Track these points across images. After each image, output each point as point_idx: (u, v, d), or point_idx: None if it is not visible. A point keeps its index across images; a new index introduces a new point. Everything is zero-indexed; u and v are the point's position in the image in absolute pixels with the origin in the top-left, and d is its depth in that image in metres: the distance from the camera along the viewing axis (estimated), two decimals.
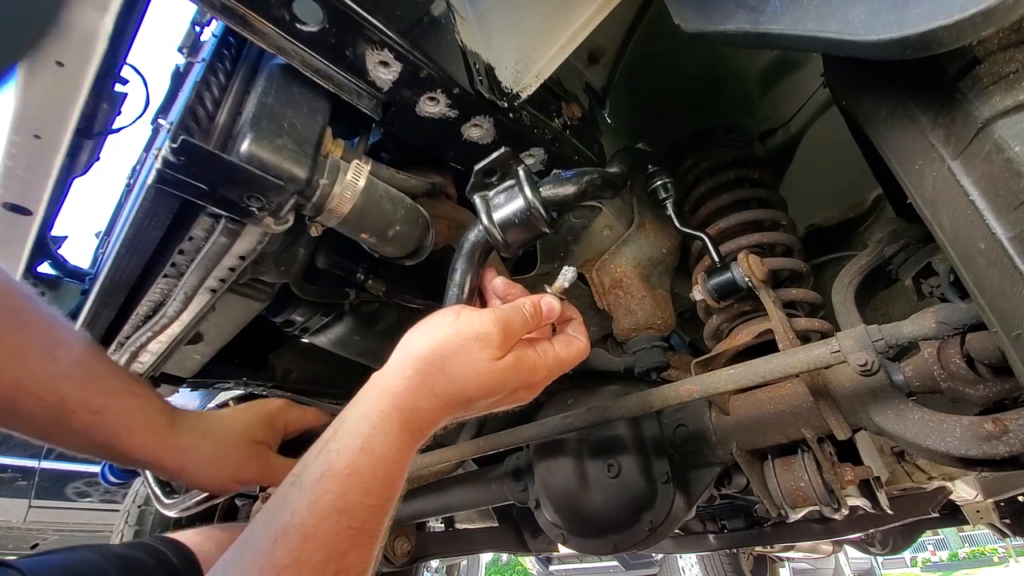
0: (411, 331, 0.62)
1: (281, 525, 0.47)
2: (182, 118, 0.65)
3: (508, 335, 0.61)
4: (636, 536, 1.03)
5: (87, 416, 0.68)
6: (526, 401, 0.67)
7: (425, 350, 0.59)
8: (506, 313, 0.62)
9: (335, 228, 0.74)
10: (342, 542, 0.48)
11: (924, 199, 0.54)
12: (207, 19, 0.82)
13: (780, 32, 0.52)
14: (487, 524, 1.80)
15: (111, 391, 0.70)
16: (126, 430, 0.71)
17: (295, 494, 0.49)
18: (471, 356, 0.59)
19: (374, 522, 0.51)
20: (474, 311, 0.62)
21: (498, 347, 0.60)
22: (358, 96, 0.69)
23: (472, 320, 0.60)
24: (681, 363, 1.16)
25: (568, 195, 0.69)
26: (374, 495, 0.51)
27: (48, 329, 0.68)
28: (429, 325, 0.61)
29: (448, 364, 0.58)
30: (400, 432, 0.55)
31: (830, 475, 0.84)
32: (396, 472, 0.55)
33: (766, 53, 1.09)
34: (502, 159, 0.68)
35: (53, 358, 0.66)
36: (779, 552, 3.45)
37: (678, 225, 1.01)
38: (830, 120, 1.14)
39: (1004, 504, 2.05)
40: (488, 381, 0.59)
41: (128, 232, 0.73)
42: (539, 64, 0.76)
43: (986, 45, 0.46)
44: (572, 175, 0.71)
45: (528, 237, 0.68)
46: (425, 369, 0.58)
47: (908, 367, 0.74)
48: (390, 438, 0.54)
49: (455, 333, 0.59)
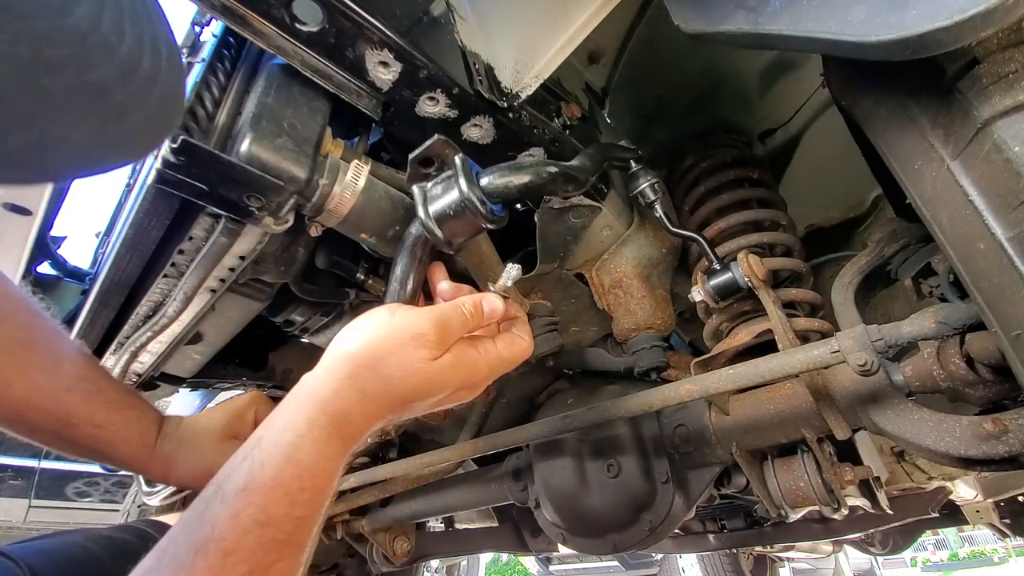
0: (344, 329, 0.59)
1: (202, 539, 0.45)
2: (182, 118, 0.65)
3: (445, 334, 0.59)
4: (636, 536, 1.03)
5: (90, 430, 0.71)
6: (466, 400, 0.65)
7: (357, 350, 0.56)
8: (444, 312, 0.60)
9: (335, 228, 0.74)
10: (266, 555, 0.46)
11: (924, 199, 0.54)
12: (207, 19, 0.81)
13: (779, 32, 0.52)
14: (487, 524, 1.80)
15: (112, 406, 0.74)
16: (123, 442, 0.75)
17: (216, 505, 0.47)
18: (406, 356, 0.56)
19: (300, 533, 0.49)
20: (410, 309, 0.60)
21: (434, 346, 0.57)
22: (358, 96, 0.69)
23: (407, 319, 0.58)
24: (681, 363, 1.16)
25: (513, 187, 0.64)
26: (300, 507, 0.49)
27: (54, 344, 0.70)
28: (363, 323, 0.59)
29: (381, 365, 0.56)
30: (329, 440, 0.52)
31: (830, 475, 0.84)
32: (324, 481, 0.52)
33: (766, 53, 1.09)
34: (436, 147, 0.65)
35: (59, 373, 0.68)
36: (779, 552, 3.45)
37: (669, 227, 0.98)
38: (830, 120, 1.13)
39: (1004, 504, 2.05)
40: (424, 382, 0.57)
41: (128, 232, 0.73)
42: (539, 64, 0.76)
43: (985, 46, 0.46)
44: (522, 166, 0.67)
45: (467, 231, 0.64)
46: (356, 372, 0.55)
47: (908, 367, 0.74)
48: (317, 446, 0.51)
49: (389, 333, 0.57)
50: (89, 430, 0.71)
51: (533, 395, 1.37)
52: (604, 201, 0.98)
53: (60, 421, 0.68)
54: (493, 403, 1.28)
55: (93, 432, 0.71)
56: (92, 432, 0.71)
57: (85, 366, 0.73)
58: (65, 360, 0.70)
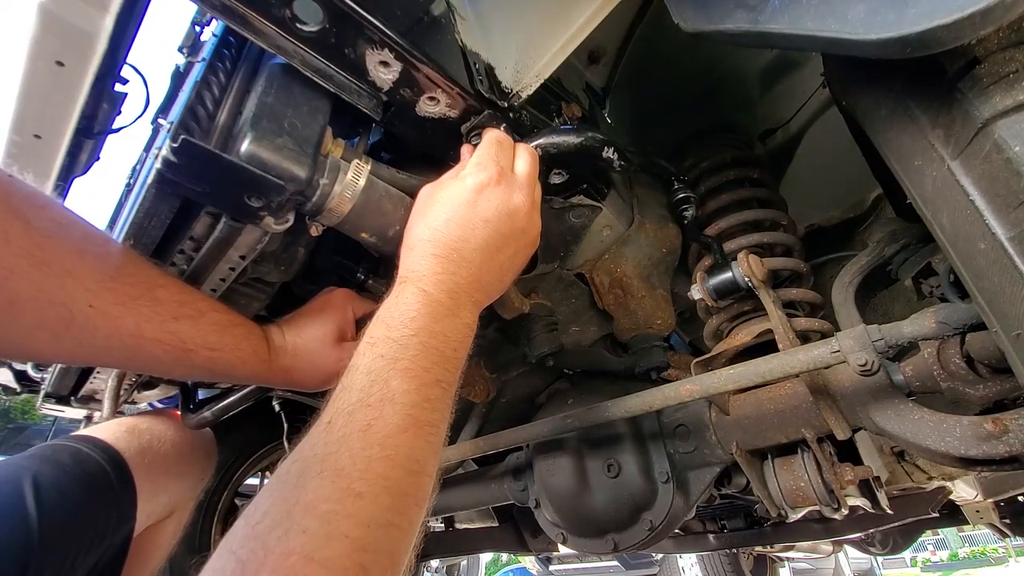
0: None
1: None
2: (182, 118, 0.65)
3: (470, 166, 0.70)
4: (636, 536, 1.03)
5: (207, 353, 0.71)
6: (530, 242, 0.72)
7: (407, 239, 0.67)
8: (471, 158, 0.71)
9: (335, 228, 0.74)
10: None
11: (924, 199, 0.54)
12: (207, 19, 0.81)
13: (779, 31, 0.52)
14: (487, 524, 1.80)
15: (219, 327, 0.74)
16: (240, 362, 0.75)
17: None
18: (442, 197, 0.68)
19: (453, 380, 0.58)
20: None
21: (465, 176, 0.68)
22: (358, 96, 0.69)
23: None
24: (681, 363, 1.16)
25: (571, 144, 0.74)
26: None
27: (143, 272, 0.69)
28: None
29: (427, 221, 0.66)
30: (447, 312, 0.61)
31: (830, 475, 0.84)
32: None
33: (766, 53, 1.09)
34: (484, 121, 0.75)
35: (159, 301, 0.67)
36: (779, 552, 3.46)
37: (692, 237, 1.04)
38: (830, 120, 1.14)
39: (1004, 504, 2.05)
40: (463, 204, 0.65)
41: (128, 232, 0.73)
42: (539, 64, 0.76)
43: (986, 45, 0.46)
44: (577, 129, 0.79)
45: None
46: (408, 247, 0.65)
47: (908, 367, 0.74)
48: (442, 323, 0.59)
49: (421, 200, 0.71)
50: (206, 354, 0.71)
51: (533, 395, 1.37)
52: (604, 201, 0.98)
53: (176, 349, 0.68)
54: (493, 403, 1.28)
55: (210, 355, 0.71)
56: (209, 355, 0.71)
57: (180, 291, 0.71)
58: (159, 288, 0.68)
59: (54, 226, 0.60)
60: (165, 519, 1.02)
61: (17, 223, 0.55)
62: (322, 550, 0.39)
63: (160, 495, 0.95)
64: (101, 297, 0.62)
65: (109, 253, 0.65)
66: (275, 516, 0.42)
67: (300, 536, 0.40)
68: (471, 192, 0.66)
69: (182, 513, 1.09)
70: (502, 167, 0.68)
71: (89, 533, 0.77)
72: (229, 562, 0.39)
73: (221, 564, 0.40)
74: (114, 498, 0.83)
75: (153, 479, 0.92)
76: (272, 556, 0.39)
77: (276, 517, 0.41)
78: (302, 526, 0.40)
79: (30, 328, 0.58)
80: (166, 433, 1.00)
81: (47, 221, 0.59)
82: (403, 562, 0.46)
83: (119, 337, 0.64)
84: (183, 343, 0.69)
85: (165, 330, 0.67)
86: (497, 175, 0.67)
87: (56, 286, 0.58)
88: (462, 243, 0.64)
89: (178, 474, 1.01)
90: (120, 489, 0.85)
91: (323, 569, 0.38)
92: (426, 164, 0.85)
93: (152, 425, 1.00)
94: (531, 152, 0.74)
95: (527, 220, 0.69)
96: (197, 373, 0.74)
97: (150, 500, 0.91)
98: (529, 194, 0.69)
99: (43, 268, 0.57)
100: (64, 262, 0.59)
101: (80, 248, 0.61)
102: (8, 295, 0.55)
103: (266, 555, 0.39)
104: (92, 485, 0.80)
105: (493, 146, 0.70)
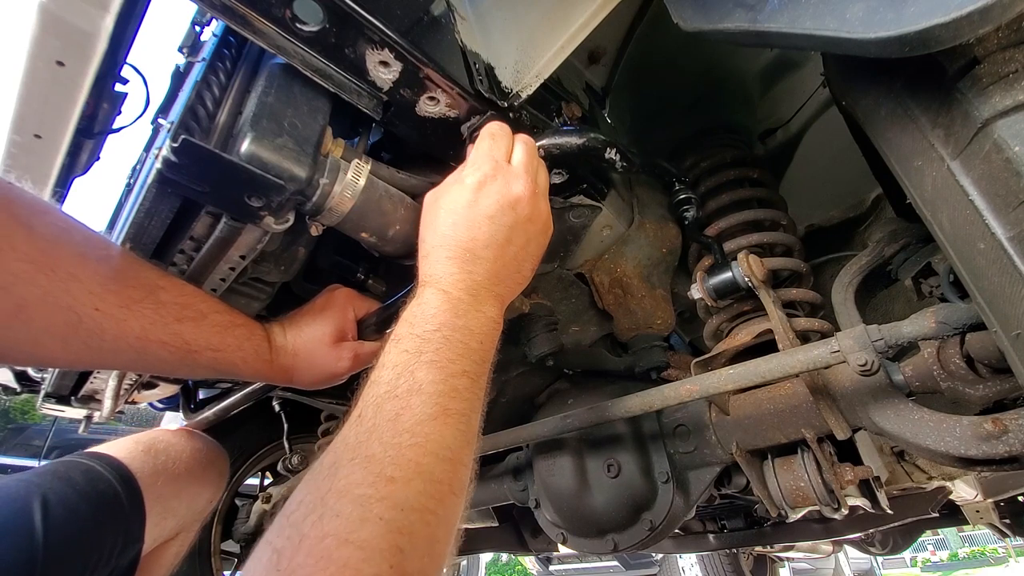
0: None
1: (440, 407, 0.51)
2: (182, 118, 0.65)
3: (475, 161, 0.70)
4: (636, 536, 1.03)
5: (210, 354, 0.73)
6: (542, 228, 0.72)
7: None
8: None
9: (335, 228, 0.74)
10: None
11: (924, 199, 0.54)
12: (207, 19, 0.82)
13: (778, 30, 0.52)
14: (487, 524, 1.80)
15: (221, 328, 0.75)
16: (242, 362, 0.77)
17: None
18: (446, 201, 0.68)
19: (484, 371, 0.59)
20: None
21: (464, 175, 0.69)
22: (358, 96, 0.69)
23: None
24: (681, 363, 1.16)
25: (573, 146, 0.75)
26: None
27: (144, 275, 0.69)
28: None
29: (437, 226, 0.67)
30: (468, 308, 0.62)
31: (830, 475, 0.84)
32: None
33: (766, 53, 1.09)
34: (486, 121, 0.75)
35: (162, 303, 0.68)
36: (779, 552, 3.45)
37: (692, 237, 1.04)
38: (830, 120, 1.14)
39: (1004, 504, 2.05)
40: (466, 204, 0.66)
41: (128, 232, 0.73)
42: (539, 64, 0.76)
43: (985, 45, 0.46)
44: (580, 131, 0.79)
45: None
46: (425, 254, 0.66)
47: (908, 367, 0.74)
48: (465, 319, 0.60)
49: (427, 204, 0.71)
50: (209, 355, 0.72)
51: (533, 395, 1.37)
52: (604, 201, 0.98)
53: (181, 350, 0.69)
54: (493, 403, 1.28)
55: (213, 356, 0.73)
56: (212, 356, 0.73)
57: (182, 293, 0.72)
58: (161, 290, 0.69)
59: (56, 231, 0.60)
60: (170, 539, 1.03)
61: (21, 230, 0.56)
62: (357, 531, 0.40)
63: (169, 519, 0.96)
64: (106, 300, 0.62)
65: (110, 256, 0.66)
66: (309, 504, 0.42)
67: (334, 520, 0.40)
68: (470, 192, 0.66)
69: (188, 534, 1.09)
70: (497, 160, 0.68)
71: (95, 555, 0.77)
72: (266, 552, 0.40)
73: (259, 555, 0.40)
74: (124, 520, 0.84)
75: (164, 502, 0.93)
76: (307, 540, 0.39)
77: (310, 505, 0.42)
78: (335, 510, 0.41)
79: (39, 333, 0.58)
80: (182, 454, 1.01)
81: (49, 227, 0.59)
82: (443, 553, 0.46)
83: (125, 340, 0.64)
84: (187, 344, 0.70)
85: (169, 332, 0.68)
86: (493, 170, 0.67)
87: (62, 290, 0.58)
88: (472, 242, 0.64)
89: (189, 496, 1.02)
90: (130, 511, 0.85)
91: (359, 551, 0.39)
92: (426, 164, 0.85)
93: (170, 444, 1.01)
94: (527, 140, 0.74)
95: (531, 207, 0.68)
96: (201, 372, 0.75)
97: (158, 524, 0.91)
98: (529, 181, 0.69)
99: (48, 273, 0.57)
100: (68, 266, 0.59)
101: (82, 252, 0.62)
102: (16, 300, 0.55)
103: (301, 540, 0.39)
104: (102, 506, 0.80)
105: (487, 141, 0.70)
